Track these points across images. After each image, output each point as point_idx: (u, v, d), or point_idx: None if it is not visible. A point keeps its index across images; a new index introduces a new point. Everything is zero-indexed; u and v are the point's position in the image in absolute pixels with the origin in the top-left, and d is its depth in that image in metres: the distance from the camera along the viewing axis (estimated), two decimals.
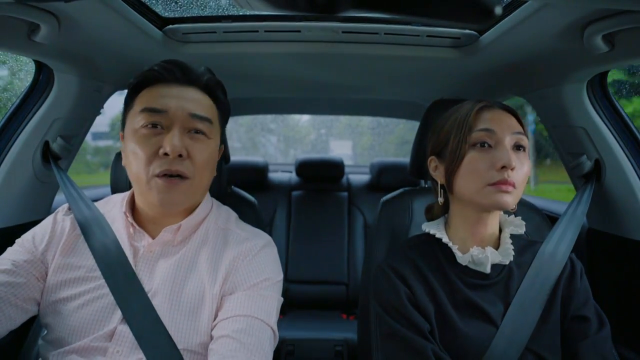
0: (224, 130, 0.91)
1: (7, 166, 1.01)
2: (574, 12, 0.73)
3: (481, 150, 0.75)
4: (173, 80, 0.77)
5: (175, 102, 0.74)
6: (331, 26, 0.96)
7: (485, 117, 0.77)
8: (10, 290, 0.71)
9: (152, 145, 0.71)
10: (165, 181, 0.71)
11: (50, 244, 0.77)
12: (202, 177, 0.76)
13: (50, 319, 0.73)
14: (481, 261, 0.76)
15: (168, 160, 0.71)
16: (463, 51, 1.05)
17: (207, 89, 0.80)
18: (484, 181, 0.73)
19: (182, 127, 0.73)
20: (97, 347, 0.70)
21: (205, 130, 0.76)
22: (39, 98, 1.05)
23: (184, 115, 0.73)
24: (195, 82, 0.78)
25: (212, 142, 0.78)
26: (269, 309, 0.75)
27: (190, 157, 0.73)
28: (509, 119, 0.77)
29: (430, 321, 0.75)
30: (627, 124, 1.06)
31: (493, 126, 0.75)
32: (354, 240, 2.13)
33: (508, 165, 0.71)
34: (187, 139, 0.73)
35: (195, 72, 0.78)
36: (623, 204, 1.05)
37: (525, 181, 0.75)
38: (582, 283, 0.79)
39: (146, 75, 0.77)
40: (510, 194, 0.73)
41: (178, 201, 0.74)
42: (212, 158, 0.79)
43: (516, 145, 0.75)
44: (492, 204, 0.74)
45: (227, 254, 0.78)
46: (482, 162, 0.74)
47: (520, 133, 0.76)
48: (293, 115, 8.28)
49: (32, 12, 0.73)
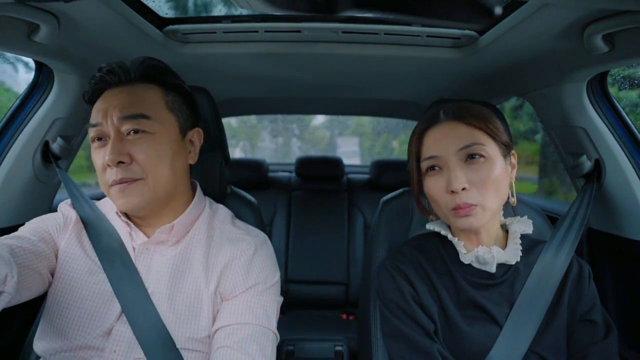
0: (195, 112, 0.85)
1: (7, 166, 1.01)
2: (574, 12, 0.73)
3: (434, 175, 0.74)
4: (113, 84, 0.76)
5: (104, 111, 0.72)
6: (331, 26, 0.96)
7: (429, 139, 0.75)
8: (30, 257, 0.71)
9: (102, 157, 0.72)
10: (119, 187, 0.71)
11: (61, 229, 0.79)
12: (157, 174, 0.73)
13: (51, 308, 0.74)
14: (486, 260, 0.75)
15: (115, 170, 0.71)
16: (463, 51, 1.05)
17: (148, 78, 0.77)
18: (445, 206, 0.73)
19: (118, 133, 0.72)
20: (94, 347, 0.71)
21: (143, 128, 0.72)
22: (39, 98, 1.05)
23: (115, 121, 0.72)
24: (130, 79, 0.76)
25: (158, 136, 0.73)
26: (269, 313, 0.75)
27: (135, 159, 0.71)
28: (458, 131, 0.73)
29: (434, 321, 0.74)
30: (627, 124, 1.06)
31: (436, 150, 0.73)
32: (353, 240, 2.13)
33: (454, 189, 0.70)
34: (127, 143, 0.71)
35: (126, 69, 0.76)
36: (623, 204, 1.05)
37: (496, 188, 0.71)
38: (590, 287, 0.77)
39: (92, 87, 0.76)
40: (472, 216, 0.70)
41: (138, 203, 0.72)
42: (163, 152, 0.74)
43: (469, 155, 0.72)
44: (459, 227, 0.73)
45: (222, 254, 0.77)
46: (436, 188, 0.73)
47: (469, 145, 0.71)
48: (309, 119, 10.46)
49: (32, 12, 0.73)
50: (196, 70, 1.24)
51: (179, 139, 0.78)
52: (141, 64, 0.77)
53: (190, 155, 0.82)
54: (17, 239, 0.72)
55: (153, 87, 0.77)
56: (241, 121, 10.31)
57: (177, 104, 0.79)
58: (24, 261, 0.69)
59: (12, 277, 0.62)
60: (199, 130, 0.84)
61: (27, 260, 0.70)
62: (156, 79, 0.78)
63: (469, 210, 0.70)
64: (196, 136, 0.83)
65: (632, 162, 1.03)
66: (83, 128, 1.18)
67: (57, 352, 0.71)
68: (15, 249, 0.68)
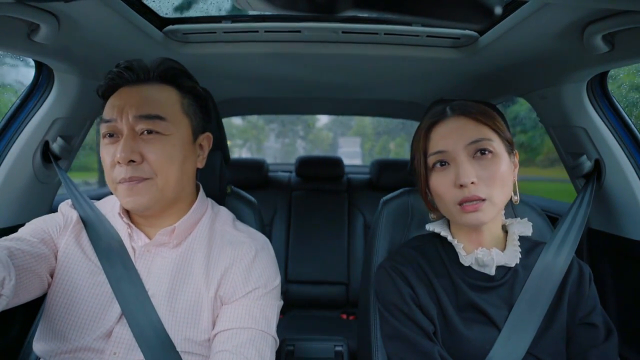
0: (208, 117, 0.86)
1: (7, 166, 1.01)
2: (574, 12, 0.73)
3: (441, 170, 0.74)
4: (130, 82, 0.75)
5: (121, 108, 0.72)
6: (331, 26, 0.96)
7: (437, 135, 0.75)
8: (30, 259, 0.70)
9: (112, 154, 0.71)
10: (127, 185, 0.71)
11: (61, 230, 0.79)
12: (166, 175, 0.73)
13: (50, 309, 0.73)
14: (486, 263, 0.75)
15: (124, 168, 0.70)
16: (463, 51, 1.05)
17: (166, 79, 0.77)
18: (451, 201, 0.72)
19: (132, 132, 0.72)
20: (94, 348, 0.70)
21: (158, 129, 0.72)
22: (39, 98, 1.05)
23: (130, 119, 0.72)
24: (149, 78, 0.76)
25: (171, 138, 0.74)
26: (268, 318, 0.74)
27: (146, 159, 0.71)
28: (466, 126, 0.73)
29: (433, 323, 0.74)
30: (627, 124, 1.06)
31: (445, 145, 0.73)
32: (353, 240, 2.13)
33: (463, 183, 0.69)
34: (140, 142, 0.71)
35: (145, 68, 0.76)
36: (623, 204, 1.05)
37: (503, 184, 0.72)
38: (590, 289, 0.77)
39: (107, 83, 0.76)
40: (480, 211, 0.70)
41: (144, 202, 0.72)
42: (175, 154, 0.74)
43: (478, 151, 0.72)
44: (465, 224, 0.73)
45: (223, 258, 0.77)
46: (444, 184, 0.73)
47: (478, 140, 0.72)
48: (313, 121, 11.56)
49: (32, 12, 0.73)
50: (196, 70, 1.23)
51: (191, 142, 0.78)
52: (160, 65, 0.77)
53: (199, 159, 0.83)
54: (16, 240, 0.71)
55: (170, 89, 0.77)
56: (248, 122, 10.84)
57: (192, 107, 0.79)
58: (23, 263, 0.68)
59: (10, 280, 0.62)
60: (209, 135, 0.85)
61: (26, 263, 0.69)
62: (173, 81, 0.78)
63: (477, 206, 0.70)
64: (206, 141, 0.84)
65: (632, 162, 1.03)
66: (83, 128, 1.18)
67: (57, 354, 0.71)
68: (13, 251, 0.68)
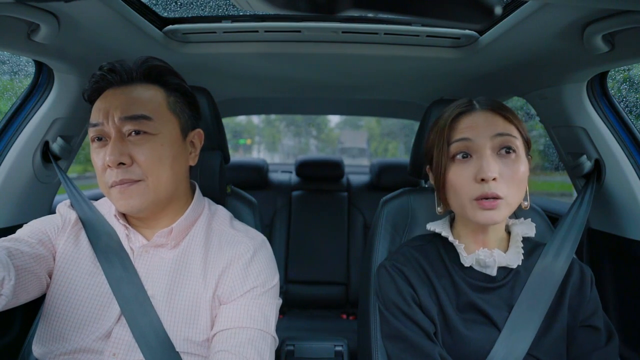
0: (197, 113, 0.84)
1: (7, 166, 1.01)
2: (574, 12, 0.73)
3: (462, 163, 0.72)
4: (114, 84, 0.74)
5: (107, 111, 0.71)
6: (331, 26, 0.96)
7: (462, 124, 0.73)
8: (28, 260, 0.70)
9: (102, 158, 0.71)
10: (119, 188, 0.71)
11: (59, 231, 0.78)
12: (157, 176, 0.72)
13: (49, 310, 0.73)
14: (487, 264, 0.74)
15: (115, 171, 0.70)
16: (463, 51, 1.05)
17: (150, 78, 0.76)
18: (467, 195, 0.70)
19: (119, 134, 0.71)
20: (94, 349, 0.70)
21: (145, 129, 0.71)
22: (39, 98, 1.05)
23: (117, 121, 0.71)
24: (132, 79, 0.75)
25: (159, 137, 0.73)
26: (267, 317, 0.74)
27: (136, 161, 0.71)
28: (493, 120, 0.72)
29: (434, 323, 0.74)
30: (627, 124, 1.06)
31: (470, 134, 0.71)
32: (353, 241, 2.13)
33: (486, 177, 0.67)
34: (129, 144, 0.71)
35: (128, 69, 0.75)
36: (623, 204, 1.05)
37: (519, 186, 0.71)
38: (592, 292, 0.76)
39: (91, 86, 0.75)
40: (496, 210, 0.68)
41: (137, 205, 0.72)
42: (164, 153, 0.73)
43: (503, 147, 0.71)
44: (478, 221, 0.71)
45: (221, 257, 0.77)
46: (463, 176, 0.71)
47: (505, 134, 0.70)
48: (325, 123, 12.39)
49: (32, 12, 0.73)
50: (196, 70, 1.24)
51: (180, 140, 0.77)
52: (143, 64, 0.76)
53: (191, 157, 0.82)
54: (15, 241, 0.71)
55: (155, 88, 0.76)
56: (267, 123, 11.50)
57: (178, 105, 0.78)
58: (22, 264, 0.68)
59: (10, 280, 0.62)
60: (200, 131, 0.84)
61: (25, 263, 0.69)
62: (158, 79, 0.77)
63: (494, 204, 0.68)
64: (197, 137, 0.83)
65: (632, 162, 1.03)
66: (83, 128, 1.18)
67: (56, 355, 0.71)
68: (12, 251, 0.68)
